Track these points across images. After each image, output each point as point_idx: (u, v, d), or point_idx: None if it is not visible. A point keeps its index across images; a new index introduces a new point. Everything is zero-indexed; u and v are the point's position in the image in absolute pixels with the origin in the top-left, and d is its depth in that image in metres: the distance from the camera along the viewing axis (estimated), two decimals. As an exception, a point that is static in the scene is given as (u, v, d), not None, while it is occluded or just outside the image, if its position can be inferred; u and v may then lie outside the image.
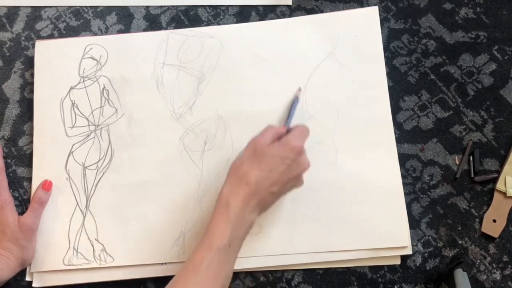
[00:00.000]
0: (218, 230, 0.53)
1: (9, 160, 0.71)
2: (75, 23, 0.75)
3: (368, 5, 0.73)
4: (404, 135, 0.68)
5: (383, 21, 0.72)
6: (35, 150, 0.69)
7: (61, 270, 0.66)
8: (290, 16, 0.73)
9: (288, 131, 0.61)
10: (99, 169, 0.68)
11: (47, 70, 0.72)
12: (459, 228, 0.65)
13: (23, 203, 0.69)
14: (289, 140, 0.58)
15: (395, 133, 0.67)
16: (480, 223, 0.65)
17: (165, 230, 0.66)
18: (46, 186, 0.67)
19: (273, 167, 0.56)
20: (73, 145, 0.69)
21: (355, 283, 0.64)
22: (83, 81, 0.71)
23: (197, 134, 0.69)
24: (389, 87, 0.69)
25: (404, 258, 0.65)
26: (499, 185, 0.65)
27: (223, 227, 0.53)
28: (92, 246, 0.66)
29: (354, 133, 0.67)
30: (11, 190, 0.68)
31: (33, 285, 0.65)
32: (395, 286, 0.64)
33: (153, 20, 0.75)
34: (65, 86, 0.71)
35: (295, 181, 0.59)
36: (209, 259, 0.52)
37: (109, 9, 0.75)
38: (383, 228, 0.64)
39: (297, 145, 0.57)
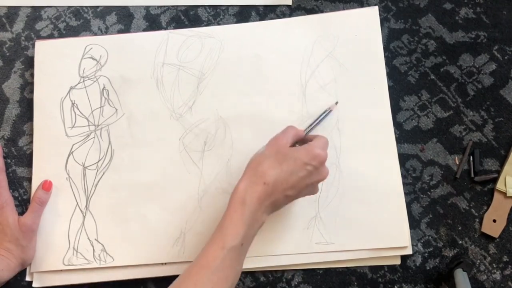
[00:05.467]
0: (232, 228, 0.52)
1: (9, 160, 0.71)
2: (75, 23, 0.75)
3: (368, 5, 0.73)
4: (404, 135, 0.68)
5: (383, 21, 0.72)
6: (35, 150, 0.69)
7: (61, 270, 0.66)
8: (290, 16, 0.73)
9: (306, 138, 0.61)
10: (99, 169, 0.68)
11: (47, 70, 0.72)
12: (459, 228, 0.65)
13: (23, 203, 0.69)
14: (314, 147, 0.56)
15: (395, 133, 0.67)
16: (480, 223, 0.65)
17: (165, 230, 0.66)
18: (46, 186, 0.67)
19: (294, 170, 0.55)
20: (73, 145, 0.69)
21: (355, 283, 0.64)
22: (83, 81, 0.71)
23: (197, 134, 0.69)
24: (389, 87, 0.69)
25: (404, 258, 0.65)
26: (499, 185, 0.65)
27: (238, 226, 0.52)
28: (92, 246, 0.66)
29: (354, 133, 0.67)
30: (11, 190, 0.68)
31: (33, 285, 0.65)
32: (395, 286, 0.64)
33: (153, 20, 0.75)
34: (65, 86, 0.71)
35: (311, 188, 0.58)
36: (222, 257, 0.51)
37: (109, 9, 0.75)
38: (383, 228, 0.64)
39: (322, 153, 0.56)
